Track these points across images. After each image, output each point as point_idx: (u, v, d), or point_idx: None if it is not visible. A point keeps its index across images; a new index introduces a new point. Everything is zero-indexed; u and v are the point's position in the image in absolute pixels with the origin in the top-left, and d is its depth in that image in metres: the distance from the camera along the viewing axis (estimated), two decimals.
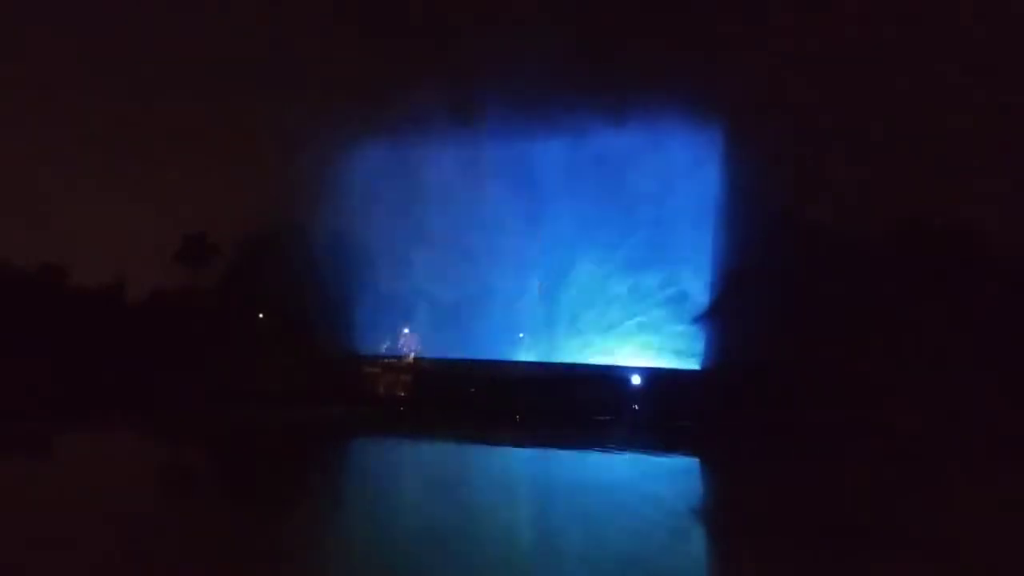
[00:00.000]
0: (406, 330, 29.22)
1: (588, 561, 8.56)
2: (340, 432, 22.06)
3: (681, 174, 28.27)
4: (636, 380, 26.33)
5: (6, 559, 7.65)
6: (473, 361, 28.86)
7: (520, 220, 29.56)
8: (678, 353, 27.91)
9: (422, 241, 30.19)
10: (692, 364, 27.55)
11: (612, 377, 27.01)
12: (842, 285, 26.09)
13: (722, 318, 26.98)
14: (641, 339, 28.35)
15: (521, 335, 29.25)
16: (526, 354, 29.31)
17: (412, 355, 28.75)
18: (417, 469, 16.61)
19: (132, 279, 36.79)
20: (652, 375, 26.58)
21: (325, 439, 20.55)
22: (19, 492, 11.58)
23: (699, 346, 27.67)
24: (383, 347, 29.63)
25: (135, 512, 10.19)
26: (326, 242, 29.64)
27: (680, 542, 9.81)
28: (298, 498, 12.13)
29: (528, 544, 9.67)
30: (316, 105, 30.25)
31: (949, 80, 28.87)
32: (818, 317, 25.62)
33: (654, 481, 15.61)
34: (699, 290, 27.84)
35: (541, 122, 27.89)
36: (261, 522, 10.29)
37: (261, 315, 32.36)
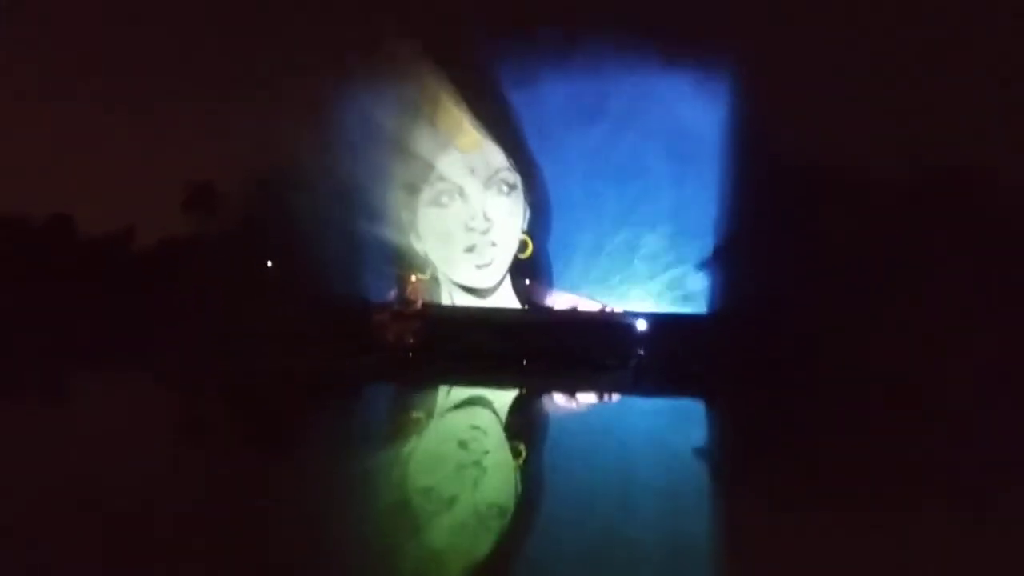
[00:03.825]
0: (414, 278, 29.14)
1: (586, 496, 8.70)
2: (351, 379, 22.28)
3: (687, 115, 27.82)
4: (642, 325, 26.50)
5: (21, 502, 7.76)
6: (481, 308, 28.90)
7: (524, 164, 28.98)
8: (684, 298, 27.90)
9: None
10: (698, 309, 27.58)
11: (618, 323, 27.18)
12: (850, 226, 25.94)
13: (728, 262, 26.93)
14: (647, 284, 28.29)
15: (528, 281, 29.13)
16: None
17: (420, 302, 28.78)
18: (425, 416, 16.81)
19: (140, 228, 37.00)
20: (658, 320, 26.72)
21: (336, 386, 20.76)
22: (33, 435, 11.76)
23: (705, 291, 27.66)
24: (392, 295, 29.58)
25: (151, 459, 10.35)
26: (336, 188, 29.17)
27: (680, 483, 9.95)
28: (314, 445, 12.27)
29: (532, 484, 9.86)
30: (327, 45, 29.71)
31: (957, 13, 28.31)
32: (826, 259, 25.54)
33: (657, 421, 15.83)
34: (705, 234, 27.65)
35: (546, 63, 27.37)
36: (276, 468, 10.45)
37: (270, 263, 32.41)
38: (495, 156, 28.89)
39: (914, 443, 13.16)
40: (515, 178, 28.78)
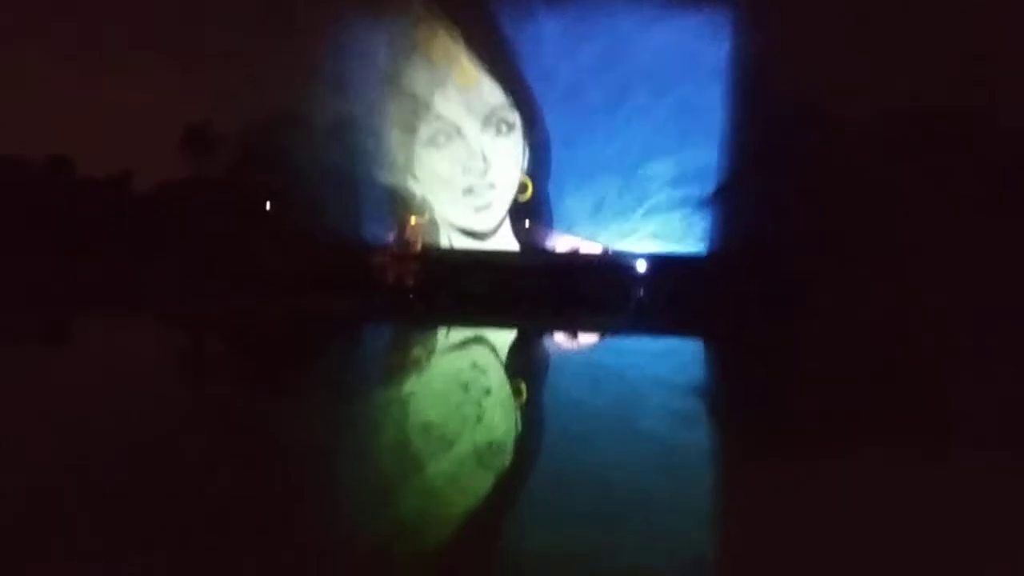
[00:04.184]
0: (412, 219, 29.05)
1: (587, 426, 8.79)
2: (351, 320, 22.35)
3: (690, 55, 27.38)
4: (642, 266, 26.52)
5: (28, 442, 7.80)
6: (480, 251, 28.86)
7: (524, 104, 28.58)
8: (683, 239, 27.84)
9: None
10: (697, 250, 27.55)
11: (618, 264, 27.18)
12: (852, 168, 25.75)
13: (729, 202, 26.81)
14: (646, 225, 28.20)
15: (528, 223, 29.02)
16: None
17: (419, 244, 28.74)
18: (425, 356, 16.89)
19: (139, 170, 36.70)
20: (657, 261, 26.73)
21: (335, 327, 20.83)
22: (35, 380, 11.79)
23: (706, 231, 27.60)
24: (391, 236, 29.54)
25: (151, 401, 10.39)
26: (333, 128, 28.89)
27: (680, 422, 10.03)
28: (314, 386, 12.33)
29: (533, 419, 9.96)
30: None
31: None
32: (826, 200, 25.40)
33: (658, 361, 15.92)
34: (706, 175, 27.46)
35: None
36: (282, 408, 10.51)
37: (268, 205, 32.26)
38: (494, 94, 28.43)
39: (910, 383, 13.23)
40: (514, 117, 28.38)
